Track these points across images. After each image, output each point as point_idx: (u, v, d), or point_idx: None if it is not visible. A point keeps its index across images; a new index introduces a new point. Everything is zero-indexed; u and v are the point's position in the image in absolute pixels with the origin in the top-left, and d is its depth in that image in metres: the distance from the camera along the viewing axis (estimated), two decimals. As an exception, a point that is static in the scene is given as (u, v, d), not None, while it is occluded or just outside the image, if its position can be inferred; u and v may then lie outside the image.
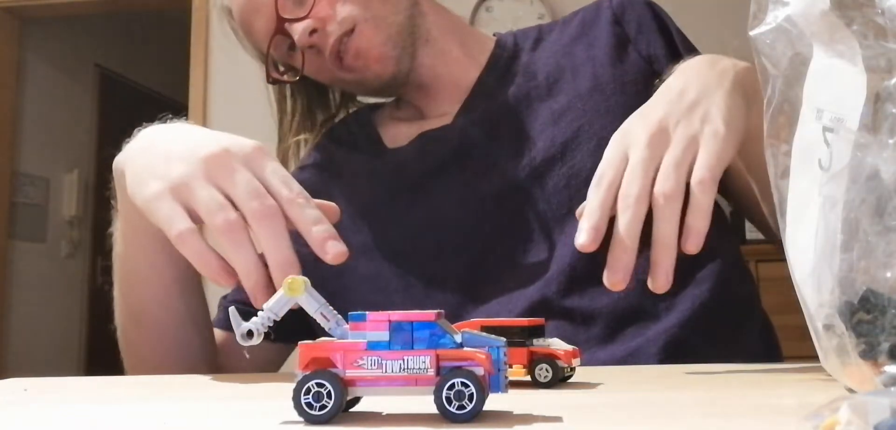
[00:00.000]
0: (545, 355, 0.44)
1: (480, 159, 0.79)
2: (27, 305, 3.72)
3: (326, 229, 0.54)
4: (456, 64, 0.86)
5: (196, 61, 3.09)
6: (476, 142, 0.80)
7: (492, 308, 0.72)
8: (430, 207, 0.79)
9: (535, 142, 0.78)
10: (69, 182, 4.11)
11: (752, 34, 0.39)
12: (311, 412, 0.31)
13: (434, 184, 0.80)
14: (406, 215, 0.80)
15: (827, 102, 0.37)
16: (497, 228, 0.76)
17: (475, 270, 0.75)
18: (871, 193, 0.33)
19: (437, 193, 0.79)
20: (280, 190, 0.55)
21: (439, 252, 0.77)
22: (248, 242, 0.53)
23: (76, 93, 4.17)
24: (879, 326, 0.32)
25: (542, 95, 0.81)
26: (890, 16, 0.34)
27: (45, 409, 0.42)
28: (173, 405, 0.42)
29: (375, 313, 0.32)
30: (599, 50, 0.83)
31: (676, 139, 0.54)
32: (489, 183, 0.78)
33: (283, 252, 0.53)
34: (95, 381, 0.55)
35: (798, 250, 0.37)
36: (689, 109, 0.56)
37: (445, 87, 0.85)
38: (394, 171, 0.83)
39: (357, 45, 0.80)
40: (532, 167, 0.76)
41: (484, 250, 0.76)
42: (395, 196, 0.81)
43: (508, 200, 0.76)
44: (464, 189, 0.78)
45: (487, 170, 0.78)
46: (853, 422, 0.21)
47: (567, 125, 0.77)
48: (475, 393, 0.30)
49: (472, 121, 0.82)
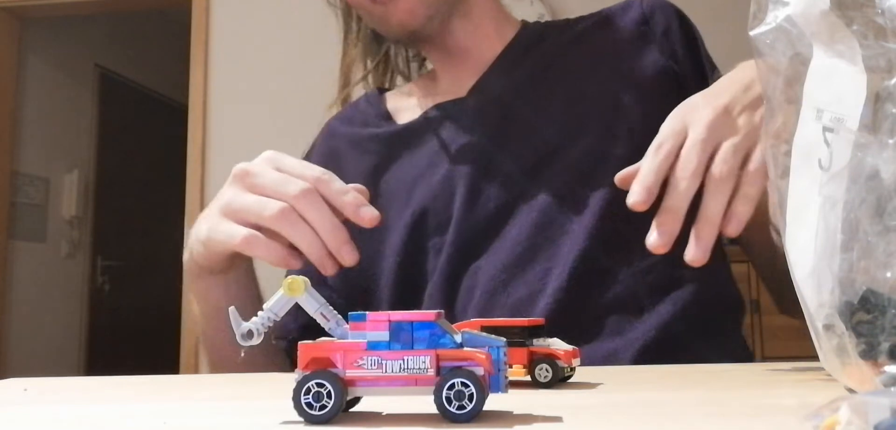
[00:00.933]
0: (545, 355, 0.44)
1: (492, 137, 0.79)
2: (27, 305, 3.72)
3: (356, 197, 0.60)
4: (485, 39, 0.86)
5: (196, 61, 3.09)
6: (489, 119, 0.80)
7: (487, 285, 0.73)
8: (440, 178, 0.79)
9: (546, 125, 0.78)
10: (69, 182, 4.11)
11: (752, 34, 0.39)
12: (311, 412, 0.31)
13: (444, 156, 0.80)
14: (415, 187, 0.80)
15: (827, 102, 0.37)
16: (502, 206, 0.76)
17: (478, 243, 0.75)
18: (871, 193, 0.33)
19: (447, 165, 0.79)
20: (304, 173, 0.61)
21: (445, 225, 0.77)
22: (301, 220, 0.59)
23: (76, 93, 4.17)
24: (879, 326, 0.32)
25: (559, 79, 0.82)
26: (890, 16, 0.34)
27: (45, 409, 0.42)
28: (173, 405, 0.42)
29: (375, 313, 0.32)
30: (622, 43, 0.83)
31: (739, 126, 0.55)
32: (498, 161, 0.78)
33: (330, 219, 0.59)
34: (95, 381, 0.56)
35: (798, 250, 0.37)
36: (754, 103, 0.57)
37: (468, 59, 0.86)
38: (404, 142, 0.83)
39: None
40: (539, 150, 0.77)
41: (487, 227, 0.76)
42: (406, 166, 0.82)
43: (514, 183, 0.76)
44: (472, 166, 0.78)
45: (498, 148, 0.78)
46: (853, 422, 0.21)
47: (579, 111, 0.78)
48: (475, 393, 0.30)
49: (487, 98, 0.82)
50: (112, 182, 4.31)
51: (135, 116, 4.50)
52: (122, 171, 4.36)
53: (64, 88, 4.07)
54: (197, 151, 3.04)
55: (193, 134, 3.06)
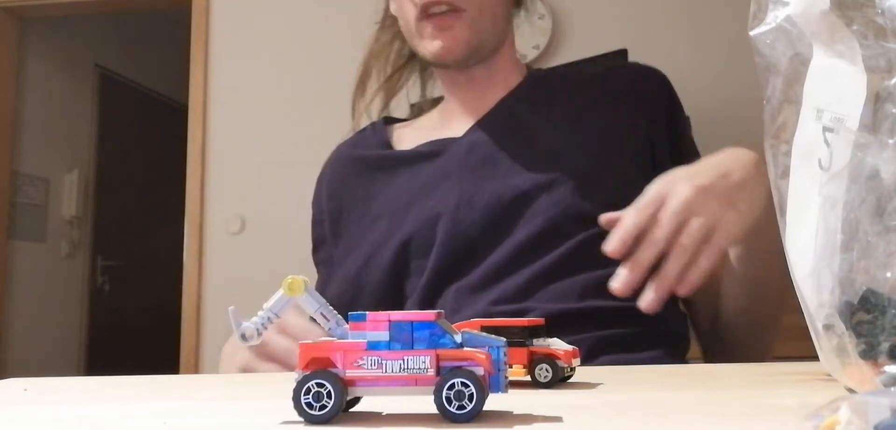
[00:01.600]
0: (545, 355, 0.44)
1: (477, 173, 0.86)
2: (27, 305, 3.72)
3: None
4: (491, 88, 0.93)
5: (196, 61, 3.09)
6: (476, 157, 0.87)
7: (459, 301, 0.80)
8: (429, 205, 0.85)
9: (527, 169, 0.84)
10: (69, 182, 4.11)
11: (752, 34, 0.39)
12: (311, 412, 0.31)
13: (435, 186, 0.86)
14: (408, 212, 0.86)
15: (827, 102, 0.37)
16: (481, 235, 0.82)
17: (458, 266, 0.82)
18: (871, 193, 0.33)
19: (436, 195, 0.86)
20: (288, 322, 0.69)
21: (428, 247, 0.83)
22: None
23: (76, 93, 4.17)
24: (879, 326, 0.32)
25: (544, 131, 0.88)
26: (890, 16, 0.34)
27: (45, 409, 0.42)
28: (173, 405, 0.42)
29: (375, 313, 0.32)
30: (612, 102, 0.90)
31: (710, 208, 0.65)
32: (479, 196, 0.84)
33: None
34: (95, 381, 0.56)
35: (798, 250, 0.37)
36: (728, 191, 0.67)
37: (477, 100, 0.93)
38: (401, 168, 0.90)
39: (450, 22, 0.86)
40: (519, 190, 0.83)
41: (466, 252, 0.82)
42: (401, 191, 0.89)
43: (493, 215, 0.83)
44: (456, 197, 0.84)
45: (480, 184, 0.85)
46: (853, 422, 0.21)
47: (561, 160, 0.84)
48: (475, 393, 0.30)
49: (479, 139, 0.89)
50: (112, 182, 4.31)
51: (135, 116, 4.50)
52: (122, 171, 4.36)
53: (64, 88, 4.07)
54: (197, 151, 3.04)
55: (193, 134, 3.06)
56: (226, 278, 2.93)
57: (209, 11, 3.12)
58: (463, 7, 0.86)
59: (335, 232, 0.93)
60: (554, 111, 0.90)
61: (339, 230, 0.93)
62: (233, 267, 2.93)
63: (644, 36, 2.65)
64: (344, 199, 0.93)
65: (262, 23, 3.08)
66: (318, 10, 3.02)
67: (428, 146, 0.91)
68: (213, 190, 3.03)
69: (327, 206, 0.95)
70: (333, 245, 0.93)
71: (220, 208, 3.00)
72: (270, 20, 3.08)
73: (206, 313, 2.95)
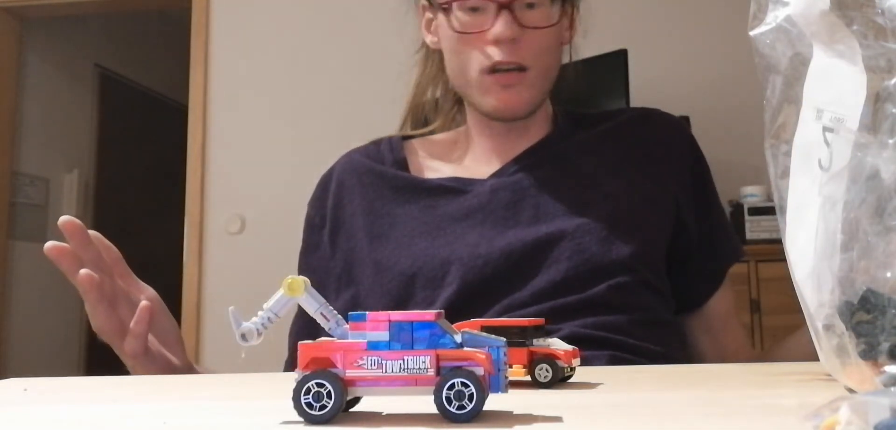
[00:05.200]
0: (545, 355, 0.44)
1: (499, 219, 0.85)
2: (27, 305, 3.72)
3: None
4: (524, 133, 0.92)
5: (196, 61, 3.09)
6: (499, 203, 0.86)
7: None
8: (442, 242, 0.84)
9: (552, 217, 0.84)
10: (69, 182, 4.11)
11: (752, 34, 0.39)
12: (311, 412, 0.31)
13: (451, 224, 0.86)
14: (419, 239, 0.85)
15: (827, 102, 0.36)
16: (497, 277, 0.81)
17: (472, 307, 0.80)
18: (871, 193, 0.33)
19: (451, 233, 0.85)
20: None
21: (437, 283, 0.82)
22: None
23: (76, 93, 4.17)
24: (879, 326, 0.32)
25: (573, 179, 0.88)
26: (890, 16, 0.34)
27: (45, 409, 0.42)
28: (173, 405, 0.42)
29: (375, 313, 0.32)
30: (640, 154, 0.90)
31: None
32: (499, 242, 0.83)
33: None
34: (95, 381, 0.55)
35: (798, 250, 0.37)
36: None
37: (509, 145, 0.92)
38: (416, 195, 0.89)
39: (515, 80, 0.85)
40: (540, 238, 0.82)
41: (481, 295, 0.81)
42: (412, 219, 0.87)
43: (511, 258, 0.82)
44: (475, 240, 0.83)
45: (502, 230, 0.84)
46: (853, 422, 0.21)
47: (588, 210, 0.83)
48: (475, 393, 0.30)
49: (503, 185, 0.88)
50: (112, 182, 4.31)
51: (135, 116, 4.50)
52: (121, 171, 4.36)
53: (64, 88, 4.07)
54: (197, 150, 3.04)
55: (193, 134, 3.06)
56: (226, 278, 2.93)
57: (209, 11, 3.12)
58: (529, 66, 0.85)
59: (334, 243, 0.91)
60: (583, 161, 0.90)
61: (337, 240, 0.91)
62: (233, 267, 2.93)
63: (644, 36, 2.65)
64: (349, 209, 0.91)
65: (262, 23, 3.08)
66: (317, 11, 3.02)
67: (451, 182, 0.90)
68: (213, 190, 3.03)
69: (331, 212, 0.93)
70: (331, 256, 0.91)
71: (219, 208, 3.00)
72: (270, 20, 3.08)
73: (206, 313, 2.95)
